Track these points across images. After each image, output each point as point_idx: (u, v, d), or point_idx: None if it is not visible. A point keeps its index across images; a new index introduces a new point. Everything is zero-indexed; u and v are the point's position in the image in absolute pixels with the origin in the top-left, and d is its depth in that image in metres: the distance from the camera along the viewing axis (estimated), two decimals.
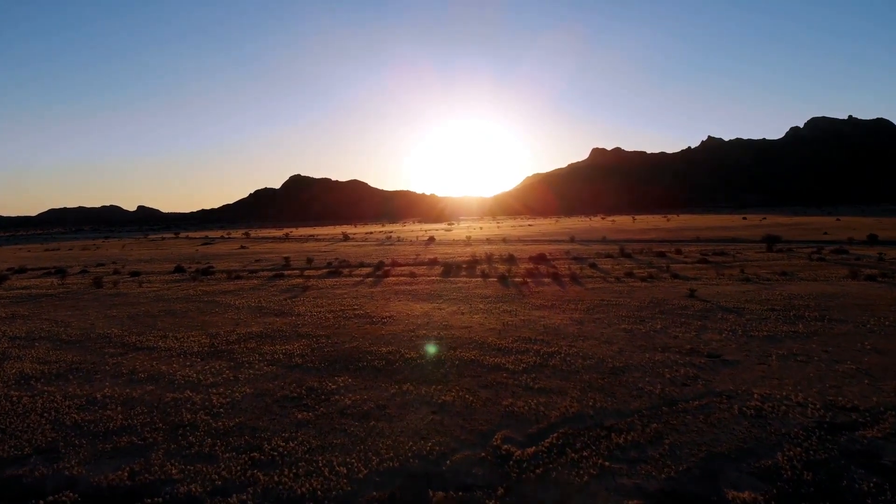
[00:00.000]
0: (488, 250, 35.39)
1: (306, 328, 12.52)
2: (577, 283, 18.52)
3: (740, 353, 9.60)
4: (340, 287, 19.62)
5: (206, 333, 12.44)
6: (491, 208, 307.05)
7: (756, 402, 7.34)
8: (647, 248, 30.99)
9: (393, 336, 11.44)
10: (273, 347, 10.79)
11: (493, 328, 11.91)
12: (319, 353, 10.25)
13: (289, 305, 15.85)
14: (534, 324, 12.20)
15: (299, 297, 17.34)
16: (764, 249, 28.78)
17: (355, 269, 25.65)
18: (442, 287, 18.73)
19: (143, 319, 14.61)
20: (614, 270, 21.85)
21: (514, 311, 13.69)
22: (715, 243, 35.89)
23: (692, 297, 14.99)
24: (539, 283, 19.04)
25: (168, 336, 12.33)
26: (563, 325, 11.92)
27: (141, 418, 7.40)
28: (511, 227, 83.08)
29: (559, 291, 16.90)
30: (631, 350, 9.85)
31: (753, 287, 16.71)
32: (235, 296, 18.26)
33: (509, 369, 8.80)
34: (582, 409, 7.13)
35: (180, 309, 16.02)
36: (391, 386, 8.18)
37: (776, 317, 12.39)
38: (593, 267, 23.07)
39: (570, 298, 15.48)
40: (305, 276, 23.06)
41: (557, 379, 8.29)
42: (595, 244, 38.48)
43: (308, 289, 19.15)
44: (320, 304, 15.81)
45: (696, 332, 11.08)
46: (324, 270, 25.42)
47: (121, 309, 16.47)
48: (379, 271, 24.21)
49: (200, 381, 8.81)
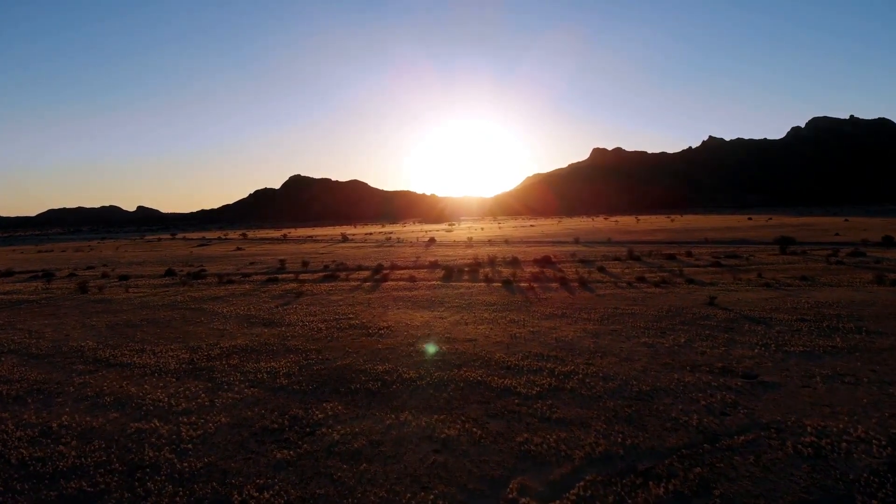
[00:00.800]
0: (491, 252, 34.34)
1: (296, 341, 11.48)
2: (587, 289, 17.47)
3: (779, 374, 8.56)
4: (336, 292, 18.58)
5: (186, 347, 11.40)
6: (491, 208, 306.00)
7: (811, 438, 6.29)
8: (655, 251, 29.94)
9: (390, 351, 10.40)
10: (257, 364, 9.75)
11: (500, 341, 10.87)
12: (308, 371, 9.20)
13: (279, 314, 14.81)
14: (544, 336, 11.16)
15: (291, 305, 16.30)
16: (777, 252, 27.73)
17: (353, 273, 24.61)
18: (443, 293, 17.70)
19: (123, 330, 13.58)
20: (624, 274, 20.81)
21: (521, 322, 12.64)
22: (724, 245, 34.84)
23: (712, 306, 13.94)
24: (546, 288, 17.99)
25: (145, 350, 11.29)
26: (577, 339, 10.87)
27: (97, 456, 6.36)
28: (513, 228, 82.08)
29: (568, 298, 15.86)
30: (656, 369, 8.80)
31: (776, 294, 15.67)
32: (224, 302, 17.22)
33: (521, 394, 7.75)
34: (610, 446, 6.09)
35: (164, 318, 14.98)
36: (387, 415, 7.14)
37: (809, 329, 11.34)
38: (602, 271, 22.03)
39: (580, 306, 14.44)
40: (300, 281, 22.02)
41: (577, 406, 7.24)
42: (601, 246, 37.44)
43: (302, 295, 18.11)
44: (313, 313, 14.77)
45: (725, 347, 10.03)
46: (320, 274, 24.38)
47: (101, 317, 15.44)
48: (377, 275, 23.17)
49: (171, 408, 7.76)
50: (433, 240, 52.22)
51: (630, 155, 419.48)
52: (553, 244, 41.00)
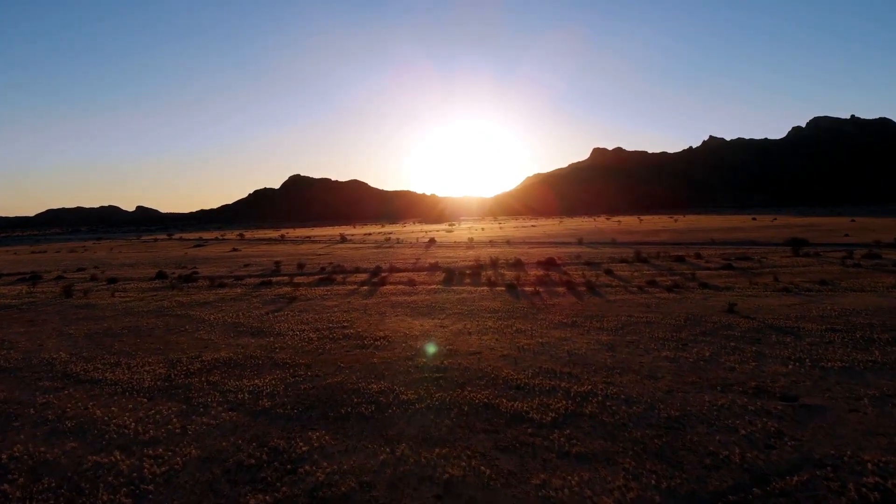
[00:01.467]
0: (492, 254, 33.41)
1: (284, 353, 10.56)
2: (596, 294, 16.55)
3: (821, 395, 7.64)
4: (331, 297, 17.66)
5: (165, 360, 10.49)
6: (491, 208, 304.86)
7: (875, 479, 5.38)
8: (662, 252, 29.02)
9: (386, 366, 9.48)
10: (240, 382, 8.83)
11: (507, 354, 9.95)
12: (294, 391, 8.28)
13: (269, 322, 13.89)
14: (555, 349, 10.24)
15: (283, 311, 15.38)
16: (790, 253, 26.81)
17: (350, 276, 23.69)
18: (444, 298, 16.78)
19: (101, 339, 12.66)
20: (634, 278, 19.89)
21: (529, 332, 11.72)
22: (733, 246, 33.92)
23: (733, 313, 13.02)
24: (552, 293, 17.08)
25: (120, 363, 10.38)
26: (592, 352, 9.95)
27: (43, 498, 5.45)
28: (514, 229, 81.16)
29: (577, 304, 14.94)
30: (683, 389, 7.88)
31: (797, 300, 14.75)
32: (213, 308, 16.30)
33: (534, 420, 6.83)
34: (643, 491, 5.17)
35: (146, 326, 14.06)
36: (381, 447, 6.21)
37: (842, 340, 10.43)
38: (609, 274, 21.10)
39: (591, 314, 13.51)
40: (294, 284, 21.10)
41: (600, 437, 6.32)
42: (605, 247, 36.51)
43: (295, 300, 17.19)
44: (305, 320, 13.85)
45: (755, 363, 9.11)
46: (315, 277, 23.46)
47: (81, 325, 14.52)
48: (375, 278, 22.26)
49: (137, 436, 6.85)
50: (433, 240, 51.30)
51: (630, 155, 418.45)
52: (556, 245, 40.08)
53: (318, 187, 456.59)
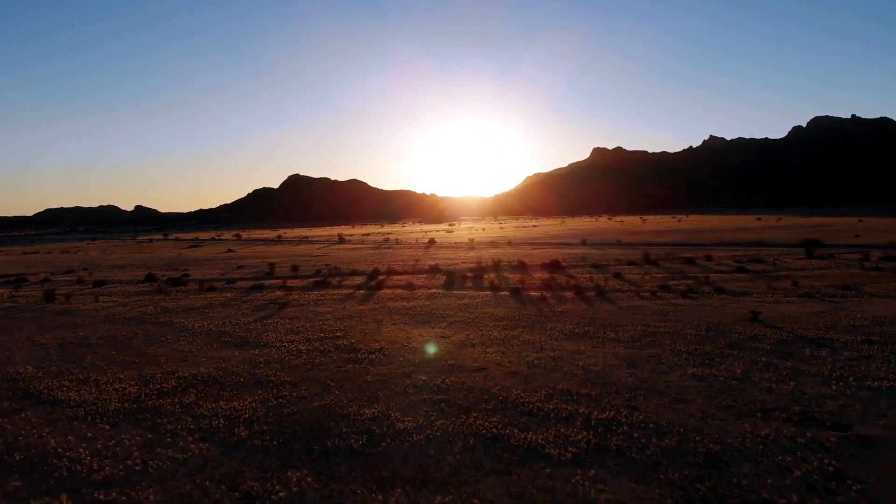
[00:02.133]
0: (494, 255, 32.46)
1: (269, 369, 9.60)
2: (607, 300, 15.60)
3: (876, 422, 6.69)
4: (325, 302, 16.70)
5: (139, 376, 9.53)
6: (491, 208, 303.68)
7: None
8: (670, 254, 28.06)
9: (382, 384, 8.52)
10: (216, 404, 7.87)
11: (516, 371, 8.99)
12: (276, 416, 7.33)
13: (257, 331, 12.93)
14: (569, 364, 9.28)
15: (273, 318, 14.42)
16: (803, 255, 25.86)
17: (346, 279, 22.73)
18: (445, 303, 15.83)
19: (74, 351, 11.71)
20: (644, 282, 18.94)
21: (538, 343, 10.77)
22: (742, 248, 32.99)
23: (757, 322, 12.07)
24: (560, 298, 16.12)
25: (89, 380, 9.43)
26: (610, 368, 8.99)
27: None
28: (515, 229, 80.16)
29: (587, 312, 13.98)
30: (718, 415, 6.93)
31: (823, 306, 13.80)
32: (199, 315, 15.34)
33: (552, 458, 5.87)
34: None
35: (125, 335, 13.10)
36: (372, 493, 5.26)
37: (882, 354, 9.48)
38: (618, 277, 20.15)
39: (604, 322, 12.56)
40: (287, 288, 20.13)
41: (630, 480, 5.36)
42: (611, 248, 35.55)
43: (286, 305, 16.22)
44: (296, 329, 12.89)
45: (794, 382, 8.16)
46: (310, 280, 22.49)
47: (56, 333, 13.57)
48: (372, 281, 21.30)
49: (91, 475, 5.89)
50: (433, 241, 50.34)
51: (630, 154, 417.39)
52: (559, 246, 39.12)
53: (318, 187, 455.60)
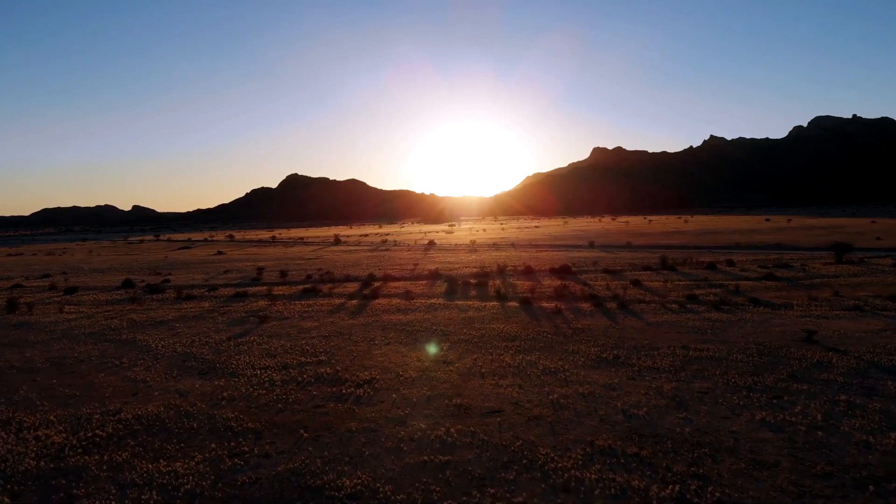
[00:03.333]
0: (498, 258, 30.63)
1: (231, 409, 7.75)
2: (631, 313, 13.76)
3: None
4: (312, 315, 14.84)
5: (73, 417, 7.68)
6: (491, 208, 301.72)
7: None
8: (687, 258, 26.23)
9: (368, 436, 6.67)
10: (153, 466, 6.02)
11: (539, 415, 7.15)
12: (227, 487, 5.47)
13: (228, 352, 11.07)
14: (604, 405, 7.44)
15: (250, 336, 12.56)
16: (831, 259, 24.05)
17: (338, 286, 20.88)
18: (447, 317, 13.99)
19: (12, 378, 9.87)
20: (668, 291, 17.11)
21: (561, 374, 8.92)
22: (762, 251, 31.19)
23: (814, 344, 10.24)
24: (577, 311, 14.28)
25: (12, 421, 7.60)
26: (657, 412, 7.15)
27: None
28: (517, 230, 78.28)
29: (612, 328, 12.14)
30: (818, 490, 5.09)
31: (881, 323, 11.98)
32: (167, 331, 13.49)
33: None
34: None
35: (77, 357, 11.24)
36: None
37: None
38: (637, 285, 18.31)
39: (634, 343, 10.72)
40: (272, 297, 18.29)
41: None
42: (621, 251, 33.71)
43: (267, 320, 14.35)
44: (273, 350, 11.04)
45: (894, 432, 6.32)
46: (299, 287, 20.64)
47: (1, 354, 11.70)
48: (366, 289, 19.45)
49: None
50: (433, 243, 48.48)
51: (631, 154, 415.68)
52: (566, 249, 37.26)
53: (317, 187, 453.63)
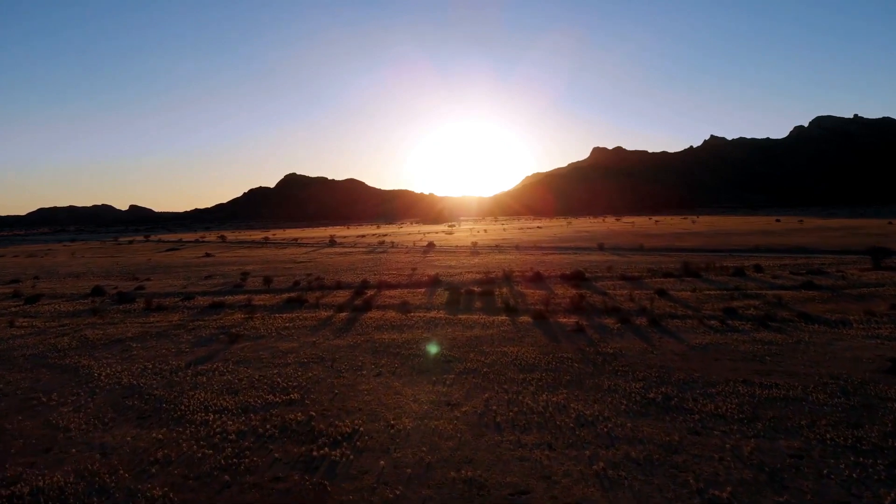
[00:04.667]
0: (502, 262, 28.58)
1: (160, 480, 5.69)
2: (666, 332, 11.71)
3: None
4: (292, 333, 12.78)
5: None
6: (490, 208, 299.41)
7: None
8: (709, 262, 24.18)
9: None
10: None
11: (584, 499, 5.10)
12: None
13: (181, 386, 9.01)
14: (670, 480, 5.39)
15: (214, 361, 10.50)
16: (867, 265, 22.03)
17: (327, 295, 18.83)
18: (449, 336, 11.94)
19: None
20: (699, 302, 15.07)
21: (600, 423, 6.87)
22: (786, 255, 29.19)
23: None
24: (601, 328, 12.23)
25: None
26: (745, 490, 5.09)
27: None
28: (519, 230, 76.14)
29: (649, 354, 10.10)
30: None
31: None
32: (120, 353, 11.43)
33: None
34: None
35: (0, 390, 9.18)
36: None
37: None
38: (664, 295, 16.27)
39: (683, 376, 8.67)
40: (251, 308, 16.23)
41: None
42: (633, 254, 31.64)
43: (239, 339, 12.27)
44: (236, 384, 8.98)
45: None
46: (283, 296, 18.57)
47: None
48: (358, 299, 17.40)
49: None
50: (432, 245, 46.40)
51: (631, 154, 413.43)
52: (574, 251, 35.19)
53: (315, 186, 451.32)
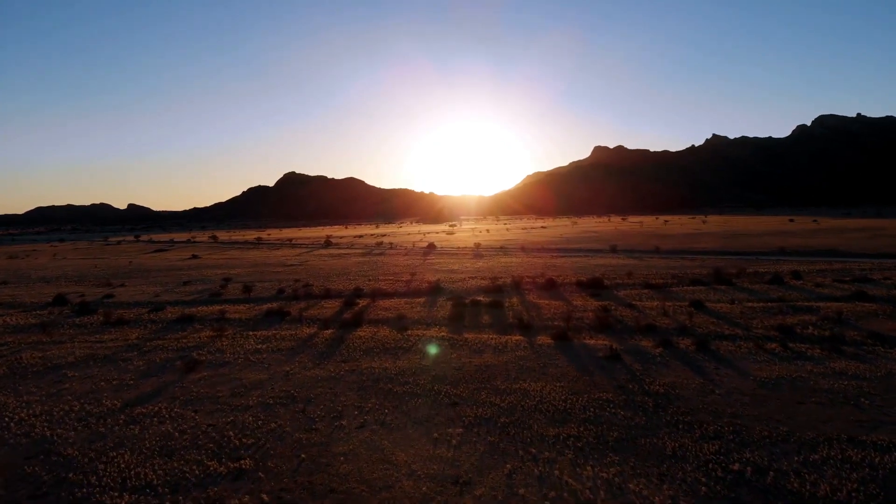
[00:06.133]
0: (508, 265, 26.39)
1: None
2: (718, 358, 9.53)
3: None
4: (262, 360, 10.59)
5: None
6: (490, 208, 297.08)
7: None
8: (738, 267, 21.98)
9: None
10: None
11: None
12: None
13: (104, 442, 6.83)
14: None
15: (158, 400, 8.31)
16: None
17: (313, 305, 16.64)
18: (455, 364, 9.76)
19: None
20: (744, 317, 12.87)
21: None
22: (818, 258, 27.01)
23: None
24: (639, 352, 10.04)
25: None
26: None
27: None
28: (522, 231, 73.75)
29: (709, 391, 7.91)
30: None
31: None
32: (51, 385, 9.25)
33: None
34: None
35: None
36: None
37: None
38: (701, 308, 14.07)
39: (766, 430, 6.49)
40: (222, 323, 14.03)
41: None
42: (650, 257, 29.42)
43: (197, 367, 10.07)
44: (173, 441, 6.79)
45: None
46: (263, 307, 16.38)
47: None
48: (348, 311, 15.23)
49: None
50: (432, 246, 44.19)
51: (632, 153, 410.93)
52: (585, 254, 32.96)
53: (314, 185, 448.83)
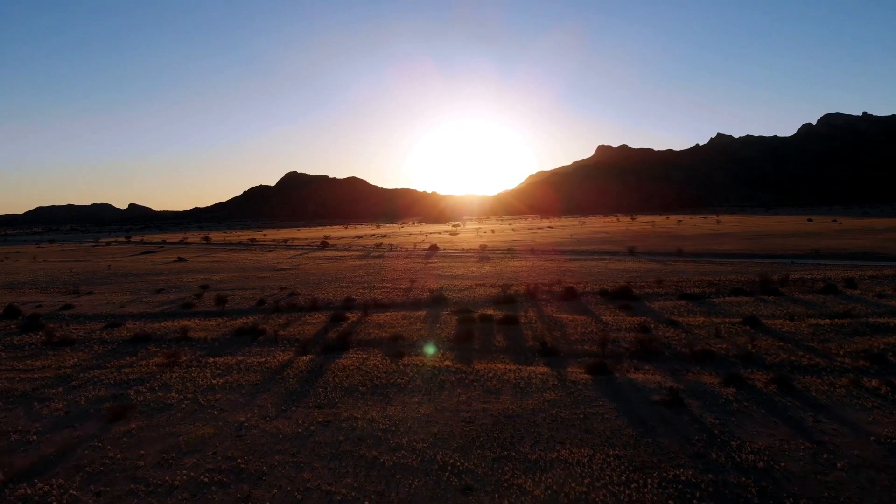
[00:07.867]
0: (518, 270, 24.03)
1: None
2: (809, 402, 7.19)
3: None
4: (216, 401, 8.27)
5: None
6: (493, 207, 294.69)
7: None
8: (780, 273, 19.57)
9: None
10: None
11: None
12: None
13: None
14: None
15: (47, 478, 6.00)
16: None
17: (296, 321, 14.32)
18: (463, 412, 7.45)
19: None
20: (816, 340, 10.51)
21: None
22: (858, 262, 24.62)
23: None
24: (708, 396, 7.71)
25: None
26: None
27: None
28: (528, 231, 71.05)
29: (822, 461, 5.59)
30: None
31: None
32: None
33: None
34: None
35: None
36: None
37: None
38: (757, 327, 11.71)
39: None
40: (185, 343, 11.72)
41: None
42: (674, 261, 26.94)
43: (127, 414, 7.76)
44: None
45: None
46: (236, 323, 14.05)
47: None
48: (334, 330, 12.91)
49: None
50: (435, 247, 41.77)
51: (636, 152, 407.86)
52: (599, 256, 30.52)
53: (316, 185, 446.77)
